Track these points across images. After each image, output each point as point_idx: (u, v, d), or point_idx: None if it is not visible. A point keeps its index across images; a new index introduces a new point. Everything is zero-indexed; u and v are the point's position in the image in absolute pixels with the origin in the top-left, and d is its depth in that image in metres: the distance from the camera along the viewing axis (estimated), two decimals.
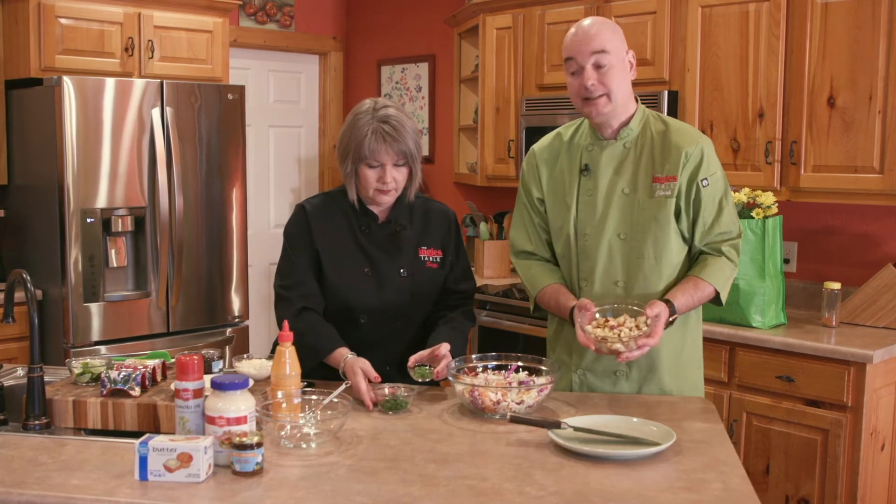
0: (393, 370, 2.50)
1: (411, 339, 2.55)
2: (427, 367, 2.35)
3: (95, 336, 4.17)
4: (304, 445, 1.98)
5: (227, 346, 4.62)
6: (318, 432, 2.01)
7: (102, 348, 4.18)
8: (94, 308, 4.15)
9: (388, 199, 2.50)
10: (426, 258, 2.55)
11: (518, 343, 4.10)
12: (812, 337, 3.26)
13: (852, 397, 3.10)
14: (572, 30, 2.41)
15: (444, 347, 2.35)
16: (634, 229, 2.41)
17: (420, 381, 2.35)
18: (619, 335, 2.23)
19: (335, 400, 2.11)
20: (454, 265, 2.60)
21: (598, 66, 2.35)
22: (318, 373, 2.43)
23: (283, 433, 2.00)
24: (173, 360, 2.37)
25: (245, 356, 2.36)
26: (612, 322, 2.30)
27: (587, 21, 2.41)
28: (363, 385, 2.29)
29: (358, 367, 2.32)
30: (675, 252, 2.42)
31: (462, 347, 2.51)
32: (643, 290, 2.40)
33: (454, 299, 2.60)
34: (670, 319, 2.31)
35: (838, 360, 3.12)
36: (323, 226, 2.53)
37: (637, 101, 2.47)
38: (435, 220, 2.59)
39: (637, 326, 2.27)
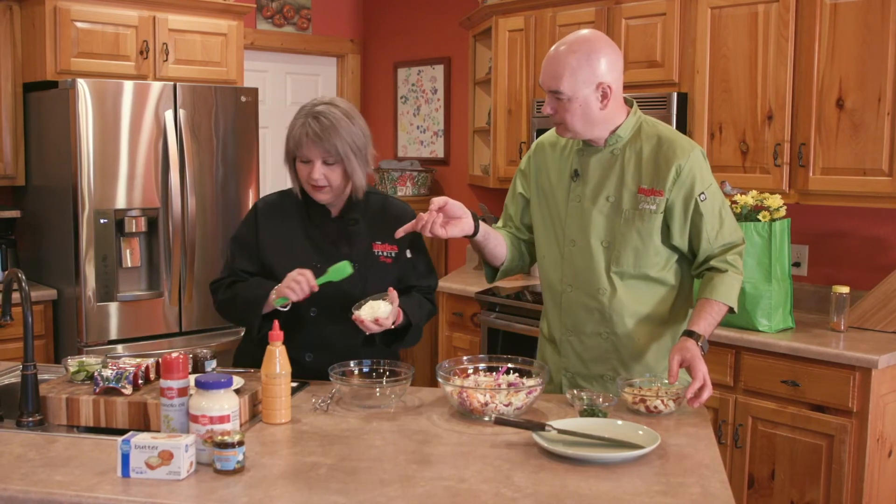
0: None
1: (365, 336, 2.49)
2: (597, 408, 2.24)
3: (109, 335, 4.22)
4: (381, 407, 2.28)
5: None
6: (383, 395, 2.29)
7: (119, 347, 4.23)
8: (108, 307, 4.21)
9: (324, 197, 2.49)
10: (380, 252, 2.56)
11: (532, 346, 4.05)
12: (818, 341, 3.22)
13: (857, 403, 3.06)
14: (550, 50, 2.37)
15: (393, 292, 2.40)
16: (616, 238, 2.39)
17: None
18: (656, 394, 2.26)
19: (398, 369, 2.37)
20: (415, 263, 2.61)
21: (556, 99, 2.34)
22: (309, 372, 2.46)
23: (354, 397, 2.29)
24: None
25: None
26: (644, 390, 2.29)
27: (561, 47, 2.33)
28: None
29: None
30: (656, 267, 2.40)
31: (416, 312, 2.51)
32: (625, 301, 2.39)
33: (415, 292, 2.60)
34: (700, 345, 2.28)
35: (843, 365, 3.08)
36: (272, 222, 2.57)
37: (631, 107, 2.42)
38: (391, 216, 2.57)
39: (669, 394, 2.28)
